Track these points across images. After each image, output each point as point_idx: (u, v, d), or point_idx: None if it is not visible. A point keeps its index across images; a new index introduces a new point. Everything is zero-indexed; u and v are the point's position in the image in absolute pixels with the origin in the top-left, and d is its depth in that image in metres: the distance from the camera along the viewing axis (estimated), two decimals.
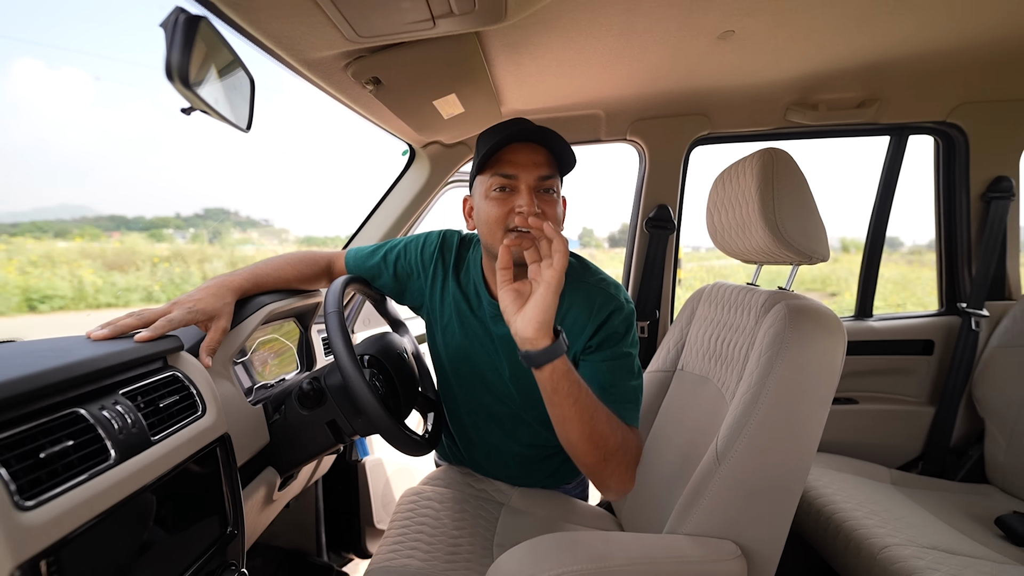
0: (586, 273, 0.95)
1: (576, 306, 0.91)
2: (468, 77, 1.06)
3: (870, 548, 1.03)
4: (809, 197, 0.87)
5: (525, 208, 0.77)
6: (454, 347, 1.01)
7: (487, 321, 0.97)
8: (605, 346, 0.88)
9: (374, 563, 0.92)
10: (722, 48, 1.10)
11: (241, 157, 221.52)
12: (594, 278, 0.94)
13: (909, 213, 1.88)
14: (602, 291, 0.91)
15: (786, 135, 1.55)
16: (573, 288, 0.92)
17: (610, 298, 0.90)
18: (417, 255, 1.02)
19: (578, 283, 0.92)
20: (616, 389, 0.84)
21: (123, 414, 0.57)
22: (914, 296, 9.52)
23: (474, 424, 1.08)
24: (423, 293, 1.03)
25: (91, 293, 9.70)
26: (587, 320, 0.89)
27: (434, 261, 1.00)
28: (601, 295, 0.90)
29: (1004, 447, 1.34)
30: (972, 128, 1.47)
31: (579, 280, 0.93)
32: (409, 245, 1.04)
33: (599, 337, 0.89)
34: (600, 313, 0.89)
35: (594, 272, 0.96)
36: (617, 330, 0.88)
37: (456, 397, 1.07)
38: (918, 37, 1.12)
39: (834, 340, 0.77)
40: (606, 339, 0.88)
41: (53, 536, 0.45)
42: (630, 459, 0.78)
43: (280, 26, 0.72)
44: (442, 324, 1.02)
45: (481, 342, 0.99)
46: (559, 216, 0.84)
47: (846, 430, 1.51)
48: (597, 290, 0.91)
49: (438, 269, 1.00)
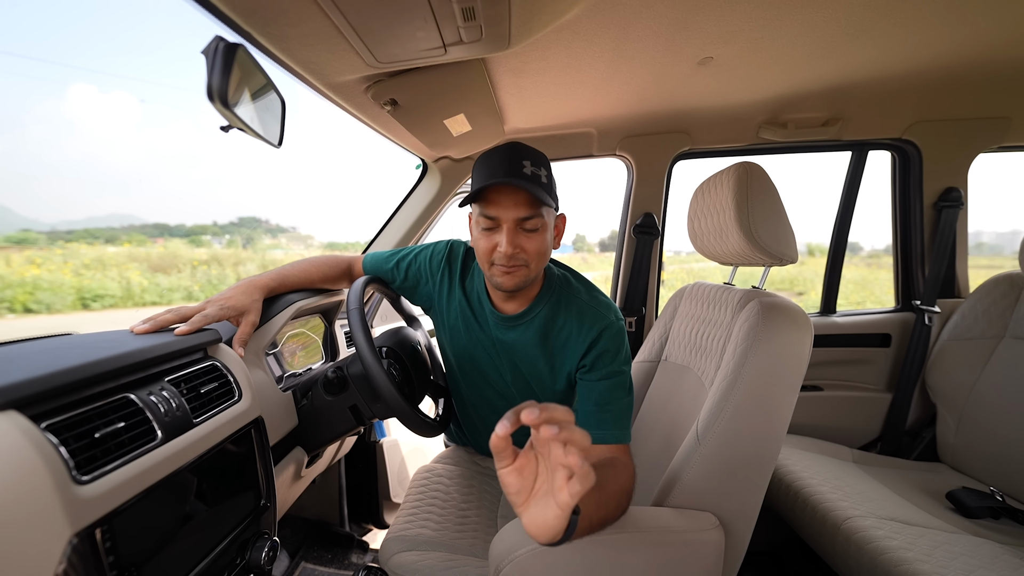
0: (580, 290, 0.92)
1: (569, 324, 0.89)
2: (475, 99, 1.06)
3: (834, 519, 1.03)
4: (780, 206, 0.87)
5: (503, 249, 0.78)
6: (460, 347, 1.00)
7: (490, 328, 0.95)
8: (599, 365, 0.85)
9: (392, 531, 0.92)
10: (702, 73, 1.10)
11: (271, 170, 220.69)
12: (587, 295, 0.91)
13: (868, 221, 1.88)
14: (593, 309, 0.88)
15: (759, 151, 1.55)
16: (567, 305, 0.90)
17: (601, 316, 0.87)
18: (426, 263, 1.01)
19: (571, 299, 0.90)
20: (611, 407, 0.82)
21: (168, 399, 0.57)
22: (872, 295, 9.50)
23: (478, 414, 1.07)
24: (431, 297, 1.01)
25: (138, 293, 9.72)
26: (579, 337, 0.87)
27: (441, 269, 0.99)
28: (592, 313, 0.88)
29: (954, 429, 1.34)
30: (925, 144, 1.47)
31: (572, 297, 0.90)
32: (420, 254, 1.02)
33: (592, 355, 0.86)
34: (592, 331, 0.86)
35: (588, 289, 0.93)
36: (608, 348, 0.85)
37: (462, 390, 1.06)
38: (876, 63, 1.12)
39: (802, 333, 0.77)
40: (599, 357, 0.85)
41: (107, 507, 0.45)
42: (630, 493, 0.72)
43: (308, 53, 0.72)
44: (448, 326, 1.00)
45: (484, 346, 0.97)
46: (541, 248, 0.81)
47: (812, 414, 1.51)
48: (589, 308, 0.89)
49: (445, 276, 0.99)
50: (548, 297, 0.90)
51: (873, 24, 0.92)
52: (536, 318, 0.90)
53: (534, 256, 0.80)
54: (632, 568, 0.70)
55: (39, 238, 24.68)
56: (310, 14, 0.60)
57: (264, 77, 0.63)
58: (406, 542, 0.89)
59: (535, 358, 0.92)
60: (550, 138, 1.51)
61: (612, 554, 0.70)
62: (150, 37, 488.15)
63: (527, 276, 0.82)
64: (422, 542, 0.89)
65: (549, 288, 0.91)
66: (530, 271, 0.82)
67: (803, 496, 1.14)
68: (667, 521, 0.73)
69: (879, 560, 0.91)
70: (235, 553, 0.65)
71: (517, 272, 0.80)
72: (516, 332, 0.92)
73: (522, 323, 0.91)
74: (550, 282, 0.92)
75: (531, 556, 0.67)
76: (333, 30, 0.65)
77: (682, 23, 0.87)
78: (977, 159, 1.48)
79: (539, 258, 0.82)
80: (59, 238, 25.38)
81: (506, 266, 0.80)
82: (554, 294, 0.91)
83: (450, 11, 0.64)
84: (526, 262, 0.80)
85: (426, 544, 0.88)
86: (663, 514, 0.75)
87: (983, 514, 1.08)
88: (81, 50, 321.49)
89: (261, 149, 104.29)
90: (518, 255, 0.79)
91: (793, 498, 1.16)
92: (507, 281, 0.81)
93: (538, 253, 0.81)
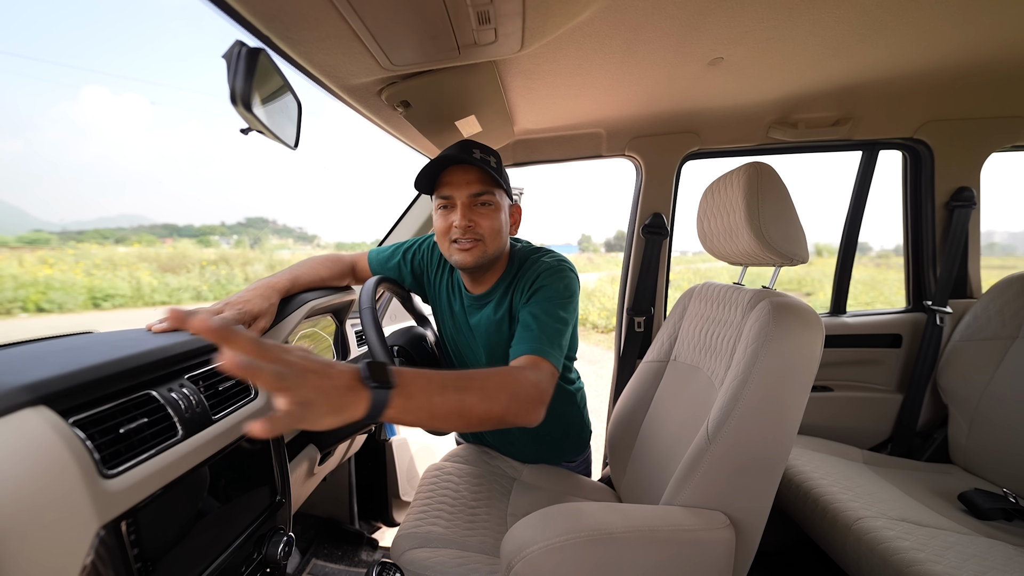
0: (531, 254, 0.97)
1: (522, 278, 0.93)
2: (486, 100, 1.07)
3: (845, 519, 1.02)
4: (790, 205, 0.87)
5: (457, 223, 0.85)
6: (448, 334, 1.06)
7: (466, 311, 1.01)
8: (533, 300, 0.88)
9: (403, 528, 0.93)
10: (712, 73, 1.10)
11: (278, 171, 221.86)
12: (534, 254, 0.96)
13: (876, 221, 1.86)
14: (537, 260, 0.94)
15: (768, 151, 1.54)
16: (522, 265, 0.95)
17: (540, 263, 0.92)
18: (428, 252, 1.06)
19: (527, 268, 0.94)
20: (539, 323, 0.82)
21: (188, 396, 0.58)
22: (882, 295, 9.41)
23: None
24: (433, 286, 1.06)
25: (148, 292, 9.83)
26: (526, 284, 0.91)
27: (437, 257, 1.04)
28: (535, 264, 0.93)
29: (966, 430, 1.33)
30: (937, 143, 1.46)
31: (528, 265, 0.95)
32: (422, 244, 1.07)
33: (531, 290, 0.89)
34: (532, 275, 0.91)
35: (545, 252, 0.97)
36: (543, 284, 0.88)
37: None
38: (888, 62, 1.11)
39: (813, 333, 0.77)
40: (536, 290, 0.89)
41: (131, 501, 0.46)
42: (527, 403, 0.68)
43: (325, 56, 0.73)
44: (440, 312, 1.06)
45: (462, 330, 1.03)
46: (496, 226, 0.87)
47: (821, 415, 1.50)
48: (536, 261, 0.94)
49: (440, 266, 1.04)
50: (510, 274, 0.96)
51: (885, 23, 0.91)
52: (497, 295, 0.96)
53: (488, 232, 0.86)
54: (643, 566, 0.71)
55: (51, 238, 25.02)
56: (328, 18, 0.61)
57: (282, 80, 0.64)
58: (418, 539, 0.89)
59: (502, 332, 0.96)
60: (559, 139, 1.52)
61: (623, 551, 0.70)
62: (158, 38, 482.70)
63: (484, 251, 0.88)
64: (433, 539, 0.89)
65: (511, 267, 0.97)
66: (487, 247, 0.88)
67: (813, 496, 1.13)
68: (677, 520, 0.74)
69: (890, 561, 0.90)
70: (252, 548, 0.66)
71: (474, 248, 0.86)
72: (482, 312, 0.98)
73: (487, 303, 0.97)
74: (512, 261, 0.98)
75: (543, 553, 0.67)
76: (350, 34, 0.66)
77: (693, 24, 0.87)
78: (990, 158, 1.46)
79: (493, 235, 0.87)
80: (70, 238, 25.66)
81: (463, 241, 0.85)
82: (515, 270, 0.96)
83: (465, 14, 0.64)
84: (481, 236, 0.86)
85: (437, 541, 0.89)
86: (674, 513, 0.75)
87: (996, 516, 1.07)
88: (95, 52, 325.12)
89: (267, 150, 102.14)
90: (473, 229, 0.85)
91: (803, 498, 1.16)
92: (465, 258, 0.87)
93: (492, 230, 0.87)
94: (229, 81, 0.51)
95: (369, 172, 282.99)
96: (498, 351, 0.97)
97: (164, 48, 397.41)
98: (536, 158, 1.56)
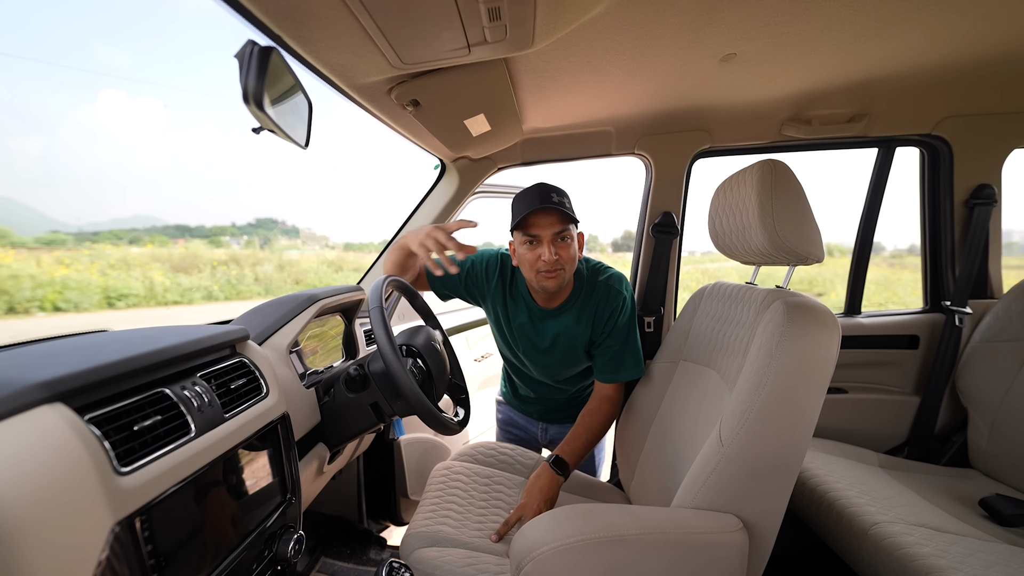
0: (595, 273, 1.15)
1: (591, 304, 1.12)
2: (495, 99, 1.06)
3: (861, 524, 1.00)
4: (805, 203, 0.86)
5: (546, 257, 1.01)
6: (509, 336, 1.23)
7: (533, 320, 1.18)
8: (611, 330, 1.12)
9: (412, 528, 0.93)
10: (724, 69, 1.08)
11: (288, 172, 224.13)
12: (602, 276, 1.15)
13: (890, 220, 1.82)
14: (607, 284, 1.13)
15: (781, 148, 1.52)
16: (589, 293, 1.13)
17: (612, 290, 1.12)
18: (482, 269, 1.21)
19: (593, 288, 1.14)
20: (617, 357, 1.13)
21: (201, 394, 0.58)
22: (896, 296, 9.25)
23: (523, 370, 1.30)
24: (485, 297, 1.22)
25: (160, 292, 9.98)
26: (596, 312, 1.12)
27: (496, 275, 1.19)
28: (608, 290, 1.12)
29: (987, 434, 1.30)
30: (956, 140, 1.42)
31: (593, 285, 1.14)
32: (476, 262, 1.22)
33: (610, 324, 1.12)
34: (612, 305, 1.12)
35: (602, 270, 1.16)
36: (622, 317, 1.12)
37: (513, 361, 1.31)
38: (906, 56, 1.09)
39: (829, 333, 0.75)
40: (617, 322, 1.12)
41: (145, 498, 0.47)
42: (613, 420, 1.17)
43: (335, 55, 0.73)
44: (498, 318, 1.22)
45: (528, 334, 1.19)
46: (573, 254, 1.05)
47: (836, 417, 1.48)
48: (607, 286, 1.13)
49: (498, 281, 1.19)
50: (579, 289, 1.14)
51: (905, 15, 0.89)
52: (573, 308, 1.14)
53: (568, 261, 1.03)
54: (654, 568, 0.70)
55: (67, 239, 25.52)
56: (339, 16, 0.61)
57: (293, 79, 0.64)
58: (427, 538, 0.89)
59: (574, 336, 1.15)
60: (568, 137, 1.51)
61: (634, 553, 0.69)
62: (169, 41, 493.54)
63: (564, 277, 1.05)
64: (442, 538, 0.89)
65: (578, 281, 1.15)
66: (565, 273, 1.05)
67: (828, 500, 1.11)
68: (690, 522, 0.73)
69: (909, 567, 0.88)
70: (263, 546, 0.67)
71: (557, 275, 1.03)
72: (558, 321, 1.15)
73: (562, 313, 1.14)
74: (579, 276, 1.15)
75: (553, 553, 0.67)
76: (360, 32, 0.66)
77: (705, 19, 0.86)
78: (1012, 155, 1.43)
79: (571, 263, 1.05)
80: (86, 239, 26.15)
81: (549, 271, 1.02)
82: (582, 285, 1.14)
83: (476, 11, 0.64)
84: (563, 266, 1.03)
85: (446, 541, 0.89)
86: (685, 515, 0.74)
87: (1019, 522, 1.05)
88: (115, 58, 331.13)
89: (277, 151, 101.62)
90: (558, 261, 1.01)
91: (817, 502, 1.14)
92: (551, 283, 1.04)
93: (570, 259, 1.04)
94: (241, 80, 0.51)
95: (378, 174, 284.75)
96: (571, 353, 1.17)
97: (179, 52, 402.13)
98: (544, 157, 1.56)
